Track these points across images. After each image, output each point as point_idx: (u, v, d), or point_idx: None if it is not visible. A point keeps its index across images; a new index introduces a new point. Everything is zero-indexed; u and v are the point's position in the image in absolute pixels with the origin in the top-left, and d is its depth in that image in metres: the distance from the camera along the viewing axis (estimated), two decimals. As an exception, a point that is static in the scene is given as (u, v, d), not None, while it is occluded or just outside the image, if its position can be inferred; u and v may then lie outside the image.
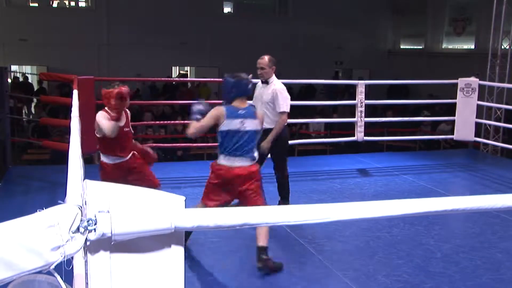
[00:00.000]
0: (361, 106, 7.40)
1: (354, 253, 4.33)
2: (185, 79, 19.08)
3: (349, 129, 8.33)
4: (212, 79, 15.59)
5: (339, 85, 18.51)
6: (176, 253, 1.25)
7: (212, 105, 4.17)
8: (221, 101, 4.54)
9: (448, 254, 4.30)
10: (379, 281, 3.78)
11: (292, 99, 5.41)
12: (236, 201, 4.14)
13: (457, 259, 4.21)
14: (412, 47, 20.69)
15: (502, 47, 9.67)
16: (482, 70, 9.98)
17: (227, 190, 3.94)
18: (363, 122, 7.41)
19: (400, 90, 18.45)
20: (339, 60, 19.98)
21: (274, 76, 5.14)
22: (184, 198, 1.25)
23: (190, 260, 3.93)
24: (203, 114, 3.94)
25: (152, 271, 1.24)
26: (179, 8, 17.33)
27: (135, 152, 4.41)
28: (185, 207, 1.28)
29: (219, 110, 3.90)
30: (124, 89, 4.18)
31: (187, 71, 19.95)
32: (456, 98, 8.02)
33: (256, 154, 3.96)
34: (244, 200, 3.95)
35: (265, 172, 6.96)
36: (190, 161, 9.37)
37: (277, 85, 5.07)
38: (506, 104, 9.21)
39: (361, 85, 7.49)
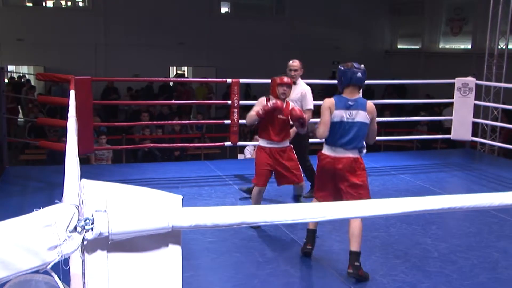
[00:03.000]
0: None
1: (352, 253, 4.33)
2: (182, 79, 19.09)
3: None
4: (211, 79, 15.69)
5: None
6: (174, 252, 1.25)
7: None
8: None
9: (445, 254, 4.30)
10: (376, 281, 3.78)
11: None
12: None
13: (454, 258, 4.21)
14: (409, 47, 20.72)
15: (499, 47, 9.70)
16: (479, 69, 10.01)
17: (333, 182, 3.94)
18: (360, 122, 7.40)
19: (398, 90, 18.48)
20: (337, 60, 19.98)
21: (300, 78, 5.69)
22: (181, 197, 1.25)
23: (188, 259, 3.92)
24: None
25: (150, 271, 1.24)
26: (176, 8, 17.33)
27: (291, 146, 4.88)
28: (182, 206, 1.28)
29: (329, 101, 3.91)
30: (285, 78, 4.78)
31: (185, 71, 19.96)
32: (453, 98, 8.04)
33: (364, 146, 3.95)
34: (345, 196, 3.89)
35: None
36: (188, 161, 9.37)
37: (304, 86, 5.60)
38: (503, 103, 9.23)
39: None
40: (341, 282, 3.74)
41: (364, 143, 3.94)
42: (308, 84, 5.74)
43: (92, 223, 1.15)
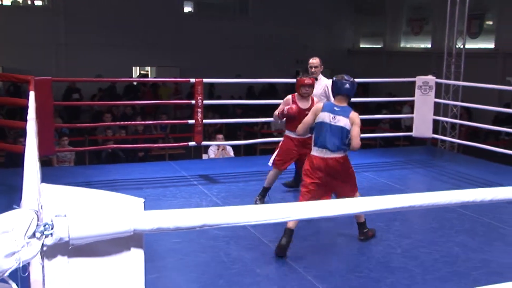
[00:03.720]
0: (322, 105, 7.46)
1: (317, 251, 4.37)
2: (145, 79, 18.92)
3: (311, 127, 8.39)
4: (175, 79, 15.56)
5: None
6: (136, 255, 1.24)
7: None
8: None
9: (408, 249, 4.39)
10: (341, 278, 3.83)
11: (253, 98, 5.64)
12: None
13: (416, 253, 4.30)
14: (371, 46, 21.02)
15: (457, 46, 9.94)
16: (439, 68, 10.24)
17: (323, 180, 4.32)
18: (324, 121, 7.47)
19: (360, 88, 18.71)
20: (300, 59, 20.12)
21: (321, 74, 6.06)
22: (143, 200, 1.24)
23: (153, 261, 3.89)
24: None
25: (112, 275, 1.23)
26: (139, 7, 17.15)
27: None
28: (145, 209, 1.27)
29: (318, 105, 4.53)
30: (306, 80, 5.25)
31: (148, 71, 19.77)
32: (414, 96, 8.19)
33: (346, 148, 4.32)
34: (337, 191, 4.40)
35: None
36: (151, 162, 9.28)
37: (326, 81, 5.93)
38: (462, 101, 9.46)
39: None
40: (307, 280, 3.77)
41: (347, 144, 4.30)
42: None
43: (52, 228, 1.13)
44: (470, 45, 13.88)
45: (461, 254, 4.31)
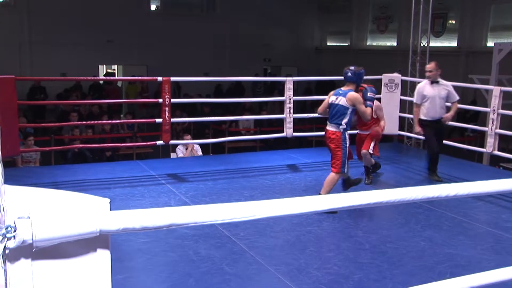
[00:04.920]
0: (290, 103, 7.51)
1: (286, 248, 4.39)
2: (112, 78, 18.69)
3: (278, 125, 8.45)
4: (141, 78, 15.40)
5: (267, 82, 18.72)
6: (102, 256, 1.22)
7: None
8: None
9: (375, 245, 4.44)
10: (310, 275, 3.85)
11: (221, 97, 5.64)
12: None
13: (384, 249, 4.36)
14: (338, 44, 21.21)
15: (421, 44, 10.11)
16: (404, 66, 10.40)
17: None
18: (291, 118, 7.53)
19: (327, 86, 18.86)
20: (268, 58, 20.17)
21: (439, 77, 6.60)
22: (108, 200, 1.22)
23: (121, 261, 3.85)
24: (373, 100, 5.68)
25: (77, 277, 1.21)
26: (105, 4, 16.90)
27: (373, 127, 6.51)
28: (111, 209, 1.25)
29: (332, 91, 5.50)
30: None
31: (114, 69, 19.52)
32: (380, 94, 8.30)
33: (343, 124, 5.30)
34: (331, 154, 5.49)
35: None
36: (119, 161, 9.18)
37: (446, 83, 6.60)
38: (427, 98, 9.61)
39: (289, 81, 7.59)
40: (277, 278, 3.78)
41: (343, 122, 5.29)
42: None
43: (14, 231, 1.11)
44: (434, 43, 14.15)
45: (427, 249, 4.39)
